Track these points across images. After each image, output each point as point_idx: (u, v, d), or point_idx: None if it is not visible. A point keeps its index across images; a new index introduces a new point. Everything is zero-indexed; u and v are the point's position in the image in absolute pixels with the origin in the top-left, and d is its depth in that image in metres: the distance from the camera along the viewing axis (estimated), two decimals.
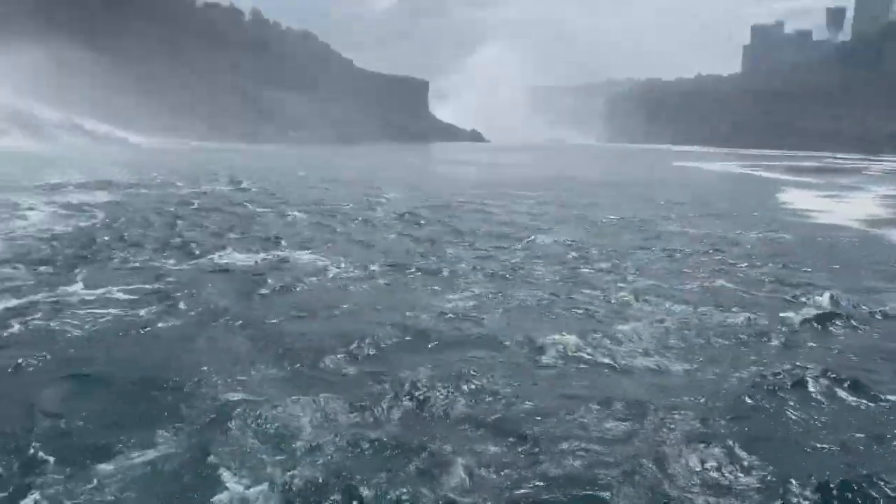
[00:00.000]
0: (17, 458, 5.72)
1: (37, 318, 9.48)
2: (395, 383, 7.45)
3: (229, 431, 6.21)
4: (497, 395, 7.34)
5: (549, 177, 47.25)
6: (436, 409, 6.93)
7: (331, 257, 14.60)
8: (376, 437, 6.21)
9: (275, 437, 6.14)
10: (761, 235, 20.34)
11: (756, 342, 9.45)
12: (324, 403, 6.84)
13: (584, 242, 17.99)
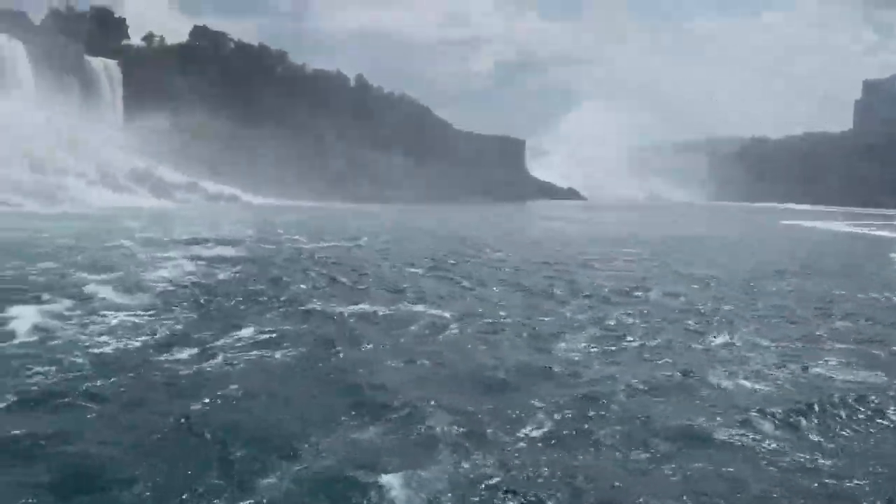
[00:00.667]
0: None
1: (195, 359, 10.64)
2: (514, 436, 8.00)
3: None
4: (607, 460, 7.77)
5: (651, 235, 46.98)
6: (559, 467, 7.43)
7: (449, 311, 15.33)
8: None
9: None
10: (875, 296, 19.77)
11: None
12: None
13: (692, 299, 18.08)
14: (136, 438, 7.66)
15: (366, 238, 35.24)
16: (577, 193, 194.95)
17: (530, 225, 61.59)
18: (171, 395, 9.13)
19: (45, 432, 7.60)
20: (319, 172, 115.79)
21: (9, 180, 60.16)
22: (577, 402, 9.30)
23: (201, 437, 7.69)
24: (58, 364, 9.99)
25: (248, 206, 76.63)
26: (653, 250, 33.11)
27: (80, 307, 13.85)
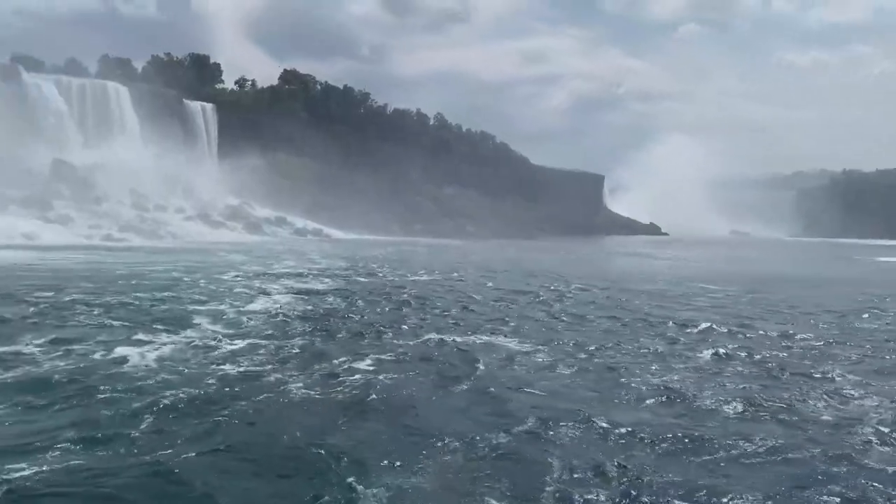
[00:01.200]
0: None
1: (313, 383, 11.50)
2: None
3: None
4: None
5: (735, 271, 46.13)
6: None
7: (552, 351, 15.78)
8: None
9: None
10: None
11: None
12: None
13: (786, 336, 17.96)
14: (275, 458, 8.44)
15: (459, 272, 36.14)
16: (657, 229, 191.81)
17: (614, 260, 61.23)
18: (304, 416, 9.94)
19: (186, 453, 8.40)
20: (400, 208, 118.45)
21: (115, 216, 64.26)
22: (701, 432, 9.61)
23: (334, 455, 8.40)
24: (193, 386, 10.98)
25: (333, 240, 79.13)
26: (745, 287, 32.62)
27: (208, 334, 15.05)
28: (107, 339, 14.11)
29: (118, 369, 11.79)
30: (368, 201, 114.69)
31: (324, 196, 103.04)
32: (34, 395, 10.15)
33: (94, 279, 25.25)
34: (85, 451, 8.19)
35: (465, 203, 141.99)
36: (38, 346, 13.08)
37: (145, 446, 8.43)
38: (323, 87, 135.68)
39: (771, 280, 38.87)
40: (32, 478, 7.36)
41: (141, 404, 9.93)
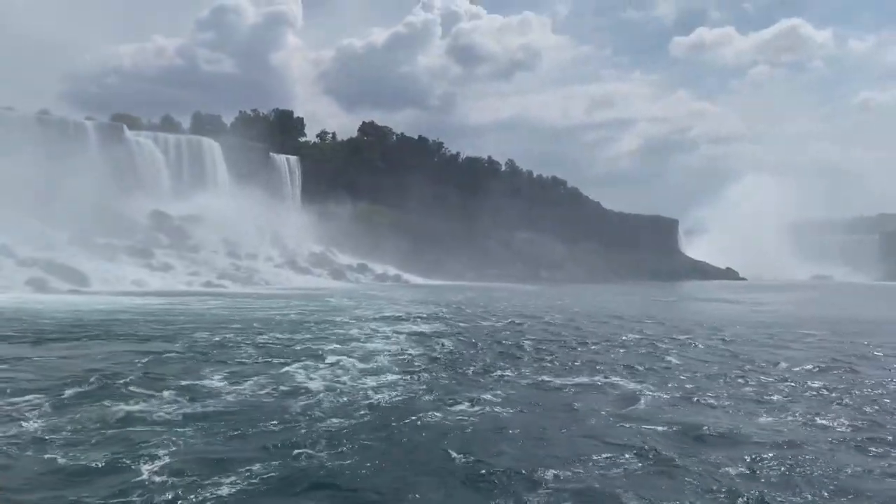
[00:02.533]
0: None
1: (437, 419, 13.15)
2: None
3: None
4: None
5: (820, 315, 45.84)
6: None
7: (647, 386, 17.07)
8: None
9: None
10: None
11: None
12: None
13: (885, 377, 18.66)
14: (440, 469, 10.06)
15: (549, 316, 37.54)
16: (735, 273, 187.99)
17: (694, 306, 61.22)
18: (435, 439, 11.57)
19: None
20: (473, 253, 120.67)
21: (211, 264, 68.25)
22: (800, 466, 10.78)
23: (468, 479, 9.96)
24: (352, 412, 12.77)
25: (412, 286, 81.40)
26: (833, 329, 32.86)
27: (349, 369, 16.99)
28: (271, 371, 16.35)
29: (289, 398, 13.75)
30: (443, 247, 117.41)
31: (400, 242, 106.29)
32: (228, 420, 12.11)
33: (235, 321, 28.29)
34: (280, 465, 9.99)
35: (538, 248, 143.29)
36: (220, 379, 15.28)
37: (326, 461, 10.25)
38: (399, 137, 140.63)
39: (861, 322, 38.69)
40: (251, 488, 9.14)
41: (314, 428, 11.75)
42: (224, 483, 9.12)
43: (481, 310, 41.37)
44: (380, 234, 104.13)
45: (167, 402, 13.18)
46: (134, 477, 9.26)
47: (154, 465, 9.66)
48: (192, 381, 15.17)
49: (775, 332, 32.50)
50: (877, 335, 31.67)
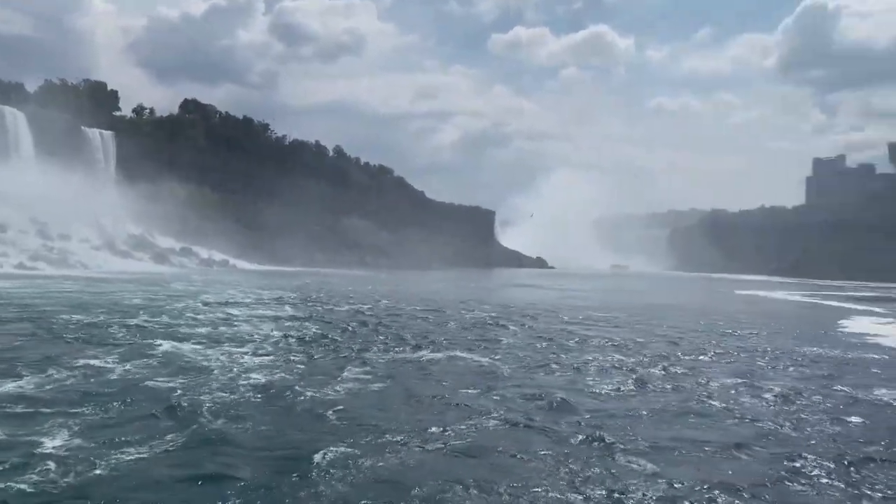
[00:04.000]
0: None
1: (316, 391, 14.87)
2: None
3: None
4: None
5: (624, 302, 51.94)
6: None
7: (495, 360, 19.68)
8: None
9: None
10: (814, 349, 24.67)
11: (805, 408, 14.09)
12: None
13: (670, 351, 22.70)
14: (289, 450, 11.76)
15: (389, 300, 39.71)
16: (544, 262, 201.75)
17: (513, 292, 66.17)
18: (315, 410, 13.27)
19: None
20: (303, 239, 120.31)
21: (22, 246, 63.44)
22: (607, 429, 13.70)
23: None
24: (228, 391, 13.92)
25: (241, 271, 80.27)
26: (631, 313, 37.98)
27: (223, 351, 18.08)
28: (150, 352, 17.13)
29: (172, 377, 14.68)
30: (270, 232, 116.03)
31: (226, 226, 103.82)
32: (120, 398, 12.92)
33: (83, 306, 27.77)
34: (175, 439, 11.09)
35: (364, 234, 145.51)
36: (104, 359, 15.89)
37: (220, 434, 11.42)
38: (223, 116, 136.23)
39: (651, 307, 44.63)
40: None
41: (202, 404, 12.75)
42: (124, 458, 9.41)
43: (324, 295, 42.90)
44: (204, 216, 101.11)
45: (56, 381, 13.70)
46: (33, 450, 9.39)
47: (53, 441, 9.81)
48: (76, 360, 15.63)
49: (586, 314, 37.00)
50: (667, 317, 37.14)
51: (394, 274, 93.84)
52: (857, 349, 26.31)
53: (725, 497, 8.97)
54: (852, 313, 48.63)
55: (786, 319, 42.42)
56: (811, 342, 27.72)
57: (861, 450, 11.44)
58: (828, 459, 10.78)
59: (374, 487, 8.77)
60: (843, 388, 17.18)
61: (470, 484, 8.97)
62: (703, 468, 10.24)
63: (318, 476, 9.09)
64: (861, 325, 38.00)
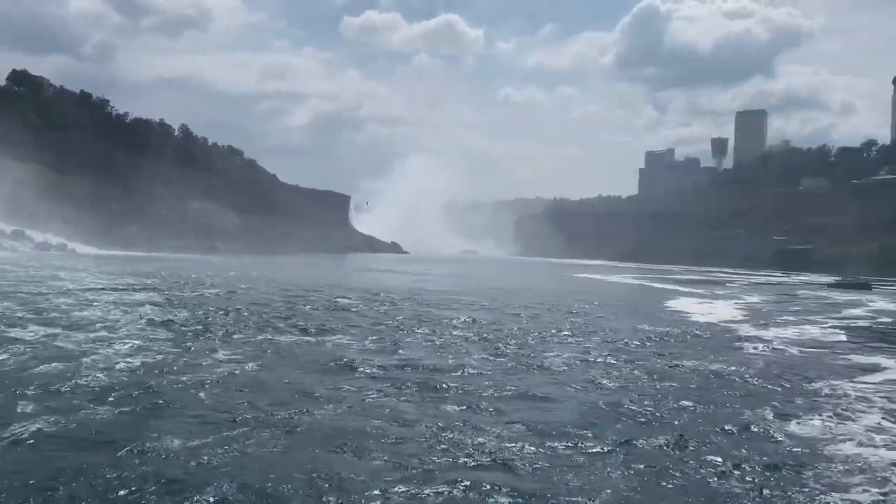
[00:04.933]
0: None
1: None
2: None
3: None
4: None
5: (466, 284, 54.79)
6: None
7: (362, 341, 20.95)
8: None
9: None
10: (641, 326, 28.03)
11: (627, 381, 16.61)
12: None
13: (521, 328, 25.05)
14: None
15: (249, 284, 39.67)
16: (399, 247, 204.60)
17: (371, 276, 67.43)
18: (192, 391, 14.07)
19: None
20: (148, 223, 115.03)
21: None
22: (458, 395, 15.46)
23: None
24: (106, 376, 14.28)
25: (81, 256, 75.93)
26: (482, 295, 40.54)
27: (94, 337, 18.10)
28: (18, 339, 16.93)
29: (48, 363, 14.74)
30: (111, 215, 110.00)
31: (63, 208, 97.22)
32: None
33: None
34: (57, 422, 11.58)
35: (213, 219, 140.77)
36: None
37: (100, 418, 11.96)
38: (57, 90, 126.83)
39: (501, 290, 47.61)
40: None
41: (80, 389, 13.12)
42: (6, 440, 9.55)
43: (181, 280, 42.25)
44: (39, 197, 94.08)
45: None
46: None
47: None
48: None
49: (442, 297, 39.11)
50: (516, 299, 40.02)
51: (247, 259, 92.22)
52: (679, 325, 30.03)
53: (559, 436, 10.87)
54: (677, 294, 54.22)
55: (619, 300, 46.80)
56: (640, 319, 31.25)
57: (672, 405, 13.88)
58: (648, 407, 13.13)
59: (250, 468, 9.02)
60: (665, 356, 20.08)
61: (348, 451, 10.07)
62: (542, 417, 12.16)
63: (188, 460, 9.19)
64: (683, 305, 42.74)
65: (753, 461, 10.16)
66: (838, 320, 35.85)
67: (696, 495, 8.77)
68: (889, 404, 14.74)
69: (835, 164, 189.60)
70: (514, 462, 9.67)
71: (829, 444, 11.40)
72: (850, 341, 26.74)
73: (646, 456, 10.24)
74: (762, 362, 20.11)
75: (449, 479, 8.76)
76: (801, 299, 54.08)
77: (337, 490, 8.39)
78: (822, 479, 9.50)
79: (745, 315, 37.05)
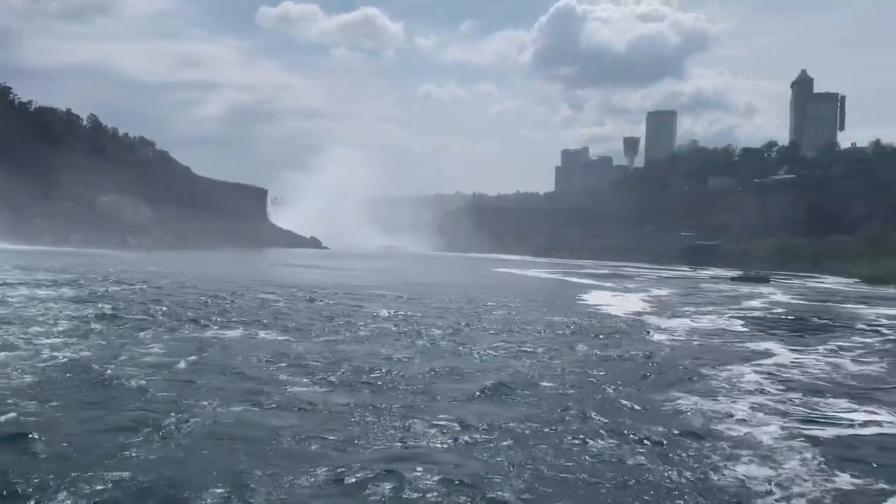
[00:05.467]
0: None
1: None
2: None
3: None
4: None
5: (389, 279, 55.54)
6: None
7: (291, 336, 21.41)
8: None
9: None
10: (557, 318, 29.49)
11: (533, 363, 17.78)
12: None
13: (444, 321, 26.01)
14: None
15: (170, 280, 39.21)
16: (318, 242, 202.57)
17: (293, 271, 67.13)
18: (122, 383, 14.37)
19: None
20: (54, 216, 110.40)
21: None
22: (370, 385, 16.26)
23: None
24: (36, 372, 14.33)
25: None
26: (403, 290, 41.38)
27: (20, 333, 17.93)
28: None
29: None
30: (13, 208, 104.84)
31: None
32: None
33: None
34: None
35: (125, 212, 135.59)
36: None
37: (33, 411, 12.10)
38: None
39: (423, 285, 48.54)
40: None
41: (11, 384, 13.25)
42: None
43: (97, 275, 41.30)
44: None
45: None
46: None
47: None
48: None
49: (366, 292, 39.71)
50: (438, 293, 41.05)
51: (161, 254, 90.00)
52: (592, 317, 31.71)
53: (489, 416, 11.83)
54: (590, 288, 56.51)
55: (536, 294, 48.49)
56: (556, 312, 32.79)
57: (585, 390, 15.09)
58: (563, 393, 14.28)
59: (169, 463, 9.17)
60: (579, 346, 21.42)
61: (286, 434, 10.73)
62: (467, 406, 13.11)
63: (103, 459, 9.17)
64: (596, 298, 44.75)
65: (657, 436, 11.34)
66: (737, 311, 38.50)
67: (603, 469, 9.82)
68: (773, 385, 16.43)
69: (738, 164, 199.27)
70: (436, 451, 10.22)
71: (722, 421, 12.77)
72: (746, 329, 29.00)
73: (557, 436, 11.28)
74: (667, 349, 21.75)
75: (370, 468, 9.12)
76: (705, 292, 57.28)
77: (252, 484, 8.48)
78: (716, 452, 10.74)
79: (653, 307, 39.23)
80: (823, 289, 70.88)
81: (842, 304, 48.34)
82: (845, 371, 19.00)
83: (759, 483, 9.38)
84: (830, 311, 41.26)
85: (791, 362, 20.01)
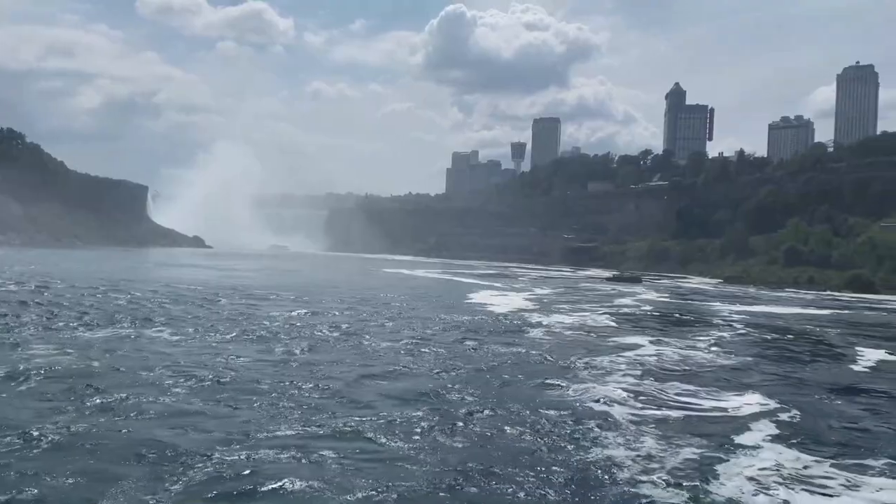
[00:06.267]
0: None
1: None
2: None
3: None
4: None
5: (277, 280, 55.61)
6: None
7: (178, 335, 21.72)
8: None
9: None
10: (445, 316, 31.03)
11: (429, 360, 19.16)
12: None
13: (338, 319, 26.92)
14: None
15: (52, 280, 37.79)
16: (202, 241, 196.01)
17: (177, 271, 65.52)
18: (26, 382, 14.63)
19: None
20: None
21: None
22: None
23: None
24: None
25: None
26: (295, 291, 41.85)
27: None
28: None
29: None
30: None
31: None
32: None
33: None
34: None
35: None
36: None
37: None
38: None
39: (311, 285, 49.00)
40: None
41: None
42: None
43: None
44: None
45: None
46: None
47: None
48: None
49: (253, 293, 39.84)
50: (327, 294, 41.78)
51: (34, 253, 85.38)
52: (479, 314, 33.51)
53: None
54: (478, 287, 58.64)
55: (427, 293, 49.98)
56: (445, 310, 34.35)
57: (473, 381, 16.56)
58: (453, 384, 15.67)
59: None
60: (466, 341, 22.98)
61: (189, 426, 11.57)
62: (360, 409, 14.27)
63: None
64: (482, 297, 46.77)
65: (537, 418, 12.96)
66: (610, 308, 41.50)
67: (491, 448, 11.27)
68: (633, 371, 18.58)
69: (616, 171, 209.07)
70: (327, 448, 10.82)
71: (590, 404, 14.56)
72: (617, 325, 31.62)
73: (447, 422, 12.65)
74: (545, 343, 23.69)
75: (256, 469, 9.85)
76: (582, 291, 60.74)
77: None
78: (587, 431, 12.46)
79: (534, 305, 41.59)
80: (689, 288, 76.44)
81: (703, 302, 52.71)
82: (697, 361, 21.51)
83: (622, 458, 11.04)
84: (693, 309, 45.10)
85: (652, 354, 22.36)
